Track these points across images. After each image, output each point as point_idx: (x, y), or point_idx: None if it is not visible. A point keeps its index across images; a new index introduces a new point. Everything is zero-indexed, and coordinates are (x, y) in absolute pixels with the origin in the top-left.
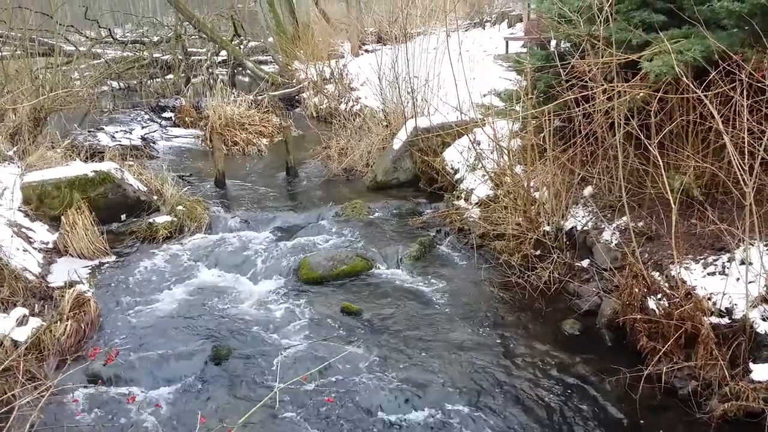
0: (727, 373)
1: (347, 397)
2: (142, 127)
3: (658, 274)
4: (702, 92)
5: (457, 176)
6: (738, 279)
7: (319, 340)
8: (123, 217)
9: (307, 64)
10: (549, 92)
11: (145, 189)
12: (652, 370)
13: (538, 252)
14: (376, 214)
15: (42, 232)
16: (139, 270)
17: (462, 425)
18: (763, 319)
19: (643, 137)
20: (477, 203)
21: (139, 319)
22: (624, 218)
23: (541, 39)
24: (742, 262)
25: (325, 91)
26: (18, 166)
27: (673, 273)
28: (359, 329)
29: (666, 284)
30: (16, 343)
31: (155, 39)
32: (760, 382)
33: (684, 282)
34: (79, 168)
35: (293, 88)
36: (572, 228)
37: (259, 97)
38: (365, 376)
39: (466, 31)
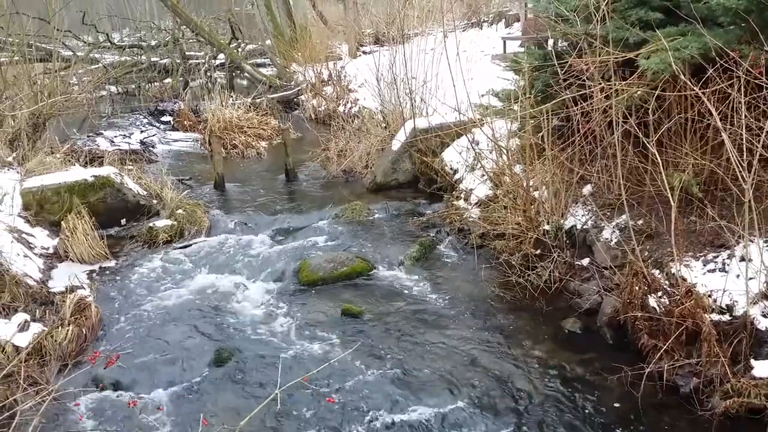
0: (728, 370)
1: (349, 398)
2: (141, 132)
3: (658, 271)
4: (700, 89)
5: (457, 176)
6: (738, 276)
7: (321, 342)
8: (123, 221)
9: (305, 67)
10: (547, 91)
11: (145, 193)
12: (653, 367)
13: (538, 251)
14: (376, 216)
15: (42, 238)
16: (140, 274)
17: (463, 425)
18: (764, 316)
19: (641, 135)
20: (476, 203)
21: (141, 323)
22: (623, 216)
23: (538, 38)
24: (742, 259)
25: (324, 93)
26: (17, 172)
27: (673, 270)
28: (360, 331)
29: (666, 282)
30: (17, 349)
31: (153, 43)
32: (761, 378)
33: (684, 279)
34: (78, 173)
35: (291, 90)
36: (572, 227)
37: (258, 100)
38: (366, 377)
39: (463, 31)
